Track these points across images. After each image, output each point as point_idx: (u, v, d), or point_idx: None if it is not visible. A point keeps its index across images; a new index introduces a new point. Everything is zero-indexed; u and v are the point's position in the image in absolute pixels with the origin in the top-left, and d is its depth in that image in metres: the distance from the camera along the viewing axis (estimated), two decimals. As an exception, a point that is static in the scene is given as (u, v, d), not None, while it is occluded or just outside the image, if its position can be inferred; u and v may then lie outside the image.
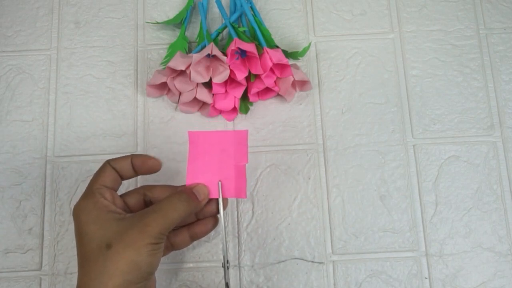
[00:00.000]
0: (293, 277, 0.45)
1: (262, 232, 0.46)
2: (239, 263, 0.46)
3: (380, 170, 0.48)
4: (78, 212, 0.36)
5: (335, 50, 0.51)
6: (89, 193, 0.37)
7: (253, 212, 0.47)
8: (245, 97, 0.48)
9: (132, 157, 0.39)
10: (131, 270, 0.34)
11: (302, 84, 0.49)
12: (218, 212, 0.41)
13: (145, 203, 0.40)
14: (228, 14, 0.51)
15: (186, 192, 0.38)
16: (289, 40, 0.51)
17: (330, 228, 0.46)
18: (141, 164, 0.39)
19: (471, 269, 0.45)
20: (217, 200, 0.41)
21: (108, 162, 0.39)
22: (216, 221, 0.42)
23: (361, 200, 0.47)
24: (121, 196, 0.39)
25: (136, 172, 0.39)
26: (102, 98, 0.50)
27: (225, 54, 0.45)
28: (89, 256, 0.34)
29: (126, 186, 0.47)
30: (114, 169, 0.38)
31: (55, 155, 0.48)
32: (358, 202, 0.47)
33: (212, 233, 0.46)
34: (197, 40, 0.50)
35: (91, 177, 0.47)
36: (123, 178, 0.39)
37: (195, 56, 0.45)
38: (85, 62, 0.51)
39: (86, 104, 0.50)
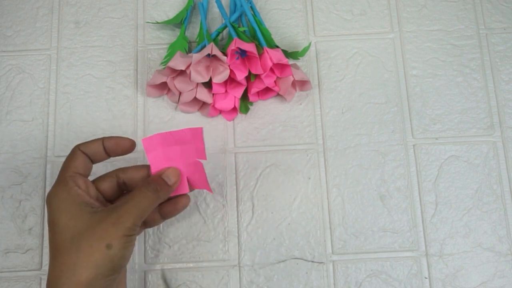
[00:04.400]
0: (293, 277, 0.45)
1: (262, 232, 0.46)
2: (239, 263, 0.46)
3: (380, 170, 0.48)
4: (50, 200, 0.36)
5: (335, 50, 0.51)
6: (62, 180, 0.36)
7: (253, 212, 0.47)
8: (245, 97, 0.48)
9: (104, 139, 0.38)
10: (104, 263, 0.34)
11: (302, 84, 0.49)
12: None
13: (119, 185, 0.40)
14: (228, 14, 0.51)
15: (155, 180, 0.38)
16: (289, 40, 0.51)
17: (330, 228, 0.46)
18: (114, 145, 0.38)
19: (471, 269, 0.45)
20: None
21: (77, 147, 0.38)
22: (186, 200, 0.41)
23: (361, 200, 0.47)
24: (93, 181, 0.39)
25: (109, 155, 0.39)
26: (102, 98, 0.50)
27: (225, 54, 0.45)
28: (60, 247, 0.34)
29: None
30: (84, 154, 0.38)
31: (55, 155, 0.48)
32: (358, 202, 0.47)
33: (212, 233, 0.46)
34: (197, 40, 0.50)
35: (90, 177, 0.47)
36: (94, 162, 0.39)
37: (195, 56, 0.45)
38: (85, 62, 0.51)
39: (86, 104, 0.50)
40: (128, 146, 0.39)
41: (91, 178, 0.39)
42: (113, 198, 0.40)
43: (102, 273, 0.34)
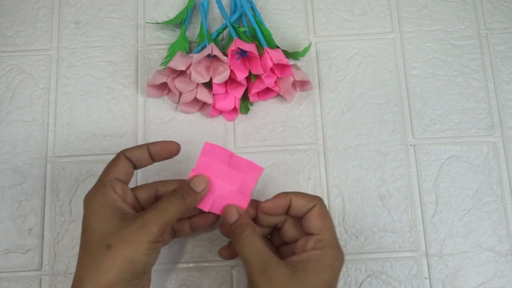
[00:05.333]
0: (293, 277, 0.45)
1: (262, 232, 0.46)
2: (239, 263, 0.46)
3: (380, 170, 0.48)
4: (86, 202, 0.36)
5: (336, 50, 0.51)
6: (100, 184, 0.37)
7: (253, 212, 0.47)
8: (245, 97, 0.48)
9: (149, 145, 0.39)
10: (126, 268, 0.34)
11: (302, 84, 0.49)
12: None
13: (157, 198, 0.40)
14: (228, 14, 0.51)
15: (182, 188, 0.38)
16: (289, 40, 0.51)
17: (330, 228, 0.46)
18: (160, 150, 0.39)
19: (471, 269, 0.45)
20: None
21: (122, 153, 0.38)
22: (217, 216, 0.41)
23: (361, 200, 0.47)
24: (132, 189, 0.39)
25: (154, 160, 0.39)
26: (102, 98, 0.50)
27: (225, 54, 0.45)
28: (88, 249, 0.35)
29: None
30: (128, 159, 0.38)
31: (55, 155, 0.48)
32: (358, 202, 0.47)
33: (213, 233, 0.46)
34: (198, 40, 0.50)
35: (91, 177, 0.47)
36: (137, 167, 0.39)
37: (196, 56, 0.45)
38: (85, 62, 0.51)
39: (86, 104, 0.50)
40: (174, 149, 0.40)
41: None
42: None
43: (123, 277, 0.34)
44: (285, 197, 0.38)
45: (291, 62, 0.49)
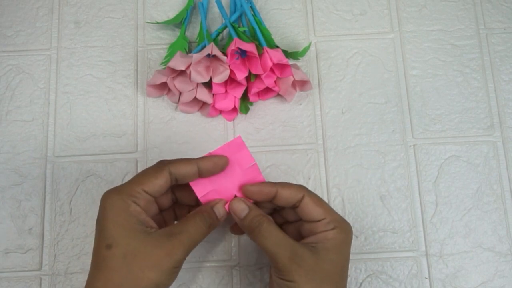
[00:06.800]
0: (293, 277, 0.45)
1: (262, 232, 0.46)
2: (239, 263, 0.46)
3: (380, 170, 0.48)
4: (107, 207, 0.35)
5: (335, 50, 0.51)
6: (128, 190, 0.35)
7: (253, 212, 0.47)
8: (245, 97, 0.48)
9: (199, 161, 0.37)
10: None
11: (302, 84, 0.49)
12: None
13: (172, 201, 0.41)
14: (228, 14, 0.51)
15: (207, 211, 0.37)
16: (289, 40, 0.51)
17: (330, 228, 0.46)
18: (212, 166, 0.38)
19: (471, 269, 0.45)
20: None
21: (168, 167, 0.36)
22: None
23: (361, 200, 0.47)
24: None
25: (201, 176, 0.38)
26: (102, 98, 0.50)
27: (225, 54, 0.45)
28: (109, 261, 0.34)
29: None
30: (171, 174, 0.37)
31: (55, 155, 0.48)
32: (358, 202, 0.47)
33: (213, 233, 0.46)
34: (197, 40, 0.50)
35: (91, 177, 0.47)
36: (179, 182, 0.38)
37: (195, 56, 0.45)
38: (85, 62, 0.51)
39: (86, 104, 0.50)
40: (225, 164, 0.39)
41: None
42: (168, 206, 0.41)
43: None
44: (270, 187, 0.38)
45: (290, 62, 0.49)
